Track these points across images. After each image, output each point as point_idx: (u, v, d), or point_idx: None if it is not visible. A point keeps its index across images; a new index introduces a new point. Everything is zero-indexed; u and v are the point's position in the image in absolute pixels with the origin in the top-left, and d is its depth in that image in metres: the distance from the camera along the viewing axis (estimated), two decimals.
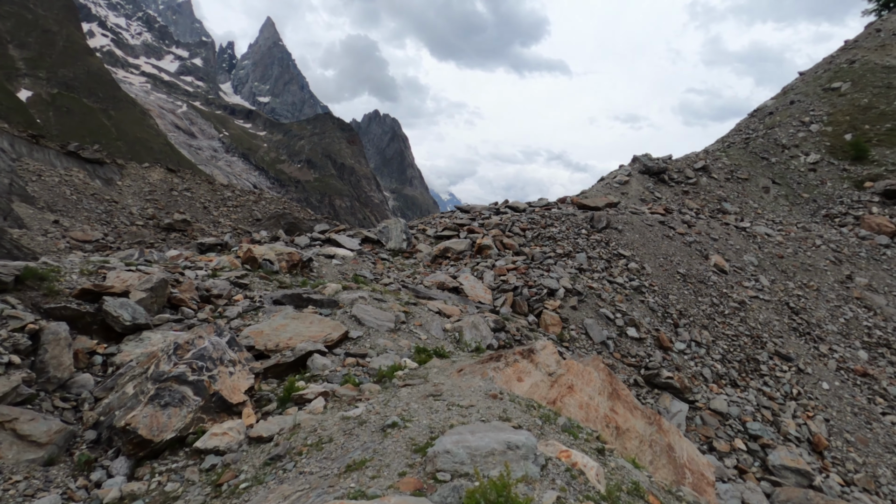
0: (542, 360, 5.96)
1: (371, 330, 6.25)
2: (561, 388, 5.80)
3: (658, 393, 10.83)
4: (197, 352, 3.84)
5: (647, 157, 24.51)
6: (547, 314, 11.45)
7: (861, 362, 14.17)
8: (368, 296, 7.18)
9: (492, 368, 4.76)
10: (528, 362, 5.70)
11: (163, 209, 37.71)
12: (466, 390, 3.79)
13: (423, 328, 6.94)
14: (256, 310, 6.21)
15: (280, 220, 21.09)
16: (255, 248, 7.99)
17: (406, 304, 7.60)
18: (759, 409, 11.46)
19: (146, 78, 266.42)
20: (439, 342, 6.71)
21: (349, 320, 6.38)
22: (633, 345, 11.75)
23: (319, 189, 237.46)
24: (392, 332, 6.37)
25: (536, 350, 6.04)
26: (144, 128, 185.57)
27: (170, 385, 3.55)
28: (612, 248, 15.52)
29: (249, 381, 4.10)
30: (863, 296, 17.24)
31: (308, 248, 11.94)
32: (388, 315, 6.68)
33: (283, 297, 6.53)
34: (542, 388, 5.41)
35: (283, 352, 5.18)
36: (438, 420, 3.05)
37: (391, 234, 13.85)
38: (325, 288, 7.21)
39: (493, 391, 3.84)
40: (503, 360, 5.13)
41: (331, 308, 6.60)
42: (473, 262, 13.27)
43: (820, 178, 28.03)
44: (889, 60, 38.59)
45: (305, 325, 5.68)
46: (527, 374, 5.43)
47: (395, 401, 3.59)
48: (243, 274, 7.20)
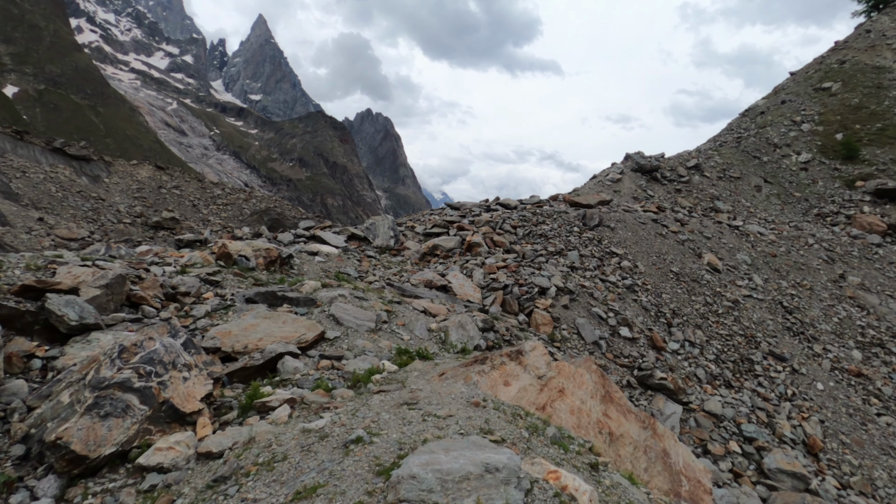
0: (532, 363, 5.61)
1: (350, 330, 5.86)
2: (551, 393, 5.45)
3: (651, 394, 10.53)
4: (146, 355, 3.43)
5: (639, 155, 24.28)
6: (538, 313, 11.12)
7: (855, 362, 13.99)
8: (349, 294, 6.78)
9: (476, 372, 4.40)
10: (516, 365, 5.33)
11: (151, 207, 37.06)
12: (446, 397, 3.43)
13: (407, 328, 6.56)
14: (227, 308, 5.79)
15: (263, 216, 20.53)
16: (231, 243, 7.57)
17: (389, 303, 7.22)
18: (754, 411, 11.20)
19: (136, 74, 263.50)
20: (423, 343, 6.34)
21: (326, 320, 5.99)
22: (625, 345, 11.45)
23: (311, 188, 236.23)
24: (372, 333, 5.99)
25: (525, 351, 5.69)
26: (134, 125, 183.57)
27: (112, 393, 3.15)
28: (605, 247, 15.23)
29: (207, 388, 3.70)
30: (856, 295, 17.10)
31: (291, 244, 11.52)
32: (368, 314, 6.29)
33: (257, 295, 6.12)
34: (530, 392, 5.05)
35: (252, 354, 4.79)
36: (410, 434, 2.67)
37: (378, 231, 13.45)
38: (303, 286, 6.80)
39: (475, 398, 3.48)
40: (489, 362, 4.77)
41: (307, 307, 6.21)
42: (463, 259, 12.91)
43: (811, 178, 27.97)
44: (879, 61, 38.72)
45: (278, 325, 5.29)
46: (514, 377, 5.07)
47: (364, 410, 3.21)
48: (216, 271, 6.77)
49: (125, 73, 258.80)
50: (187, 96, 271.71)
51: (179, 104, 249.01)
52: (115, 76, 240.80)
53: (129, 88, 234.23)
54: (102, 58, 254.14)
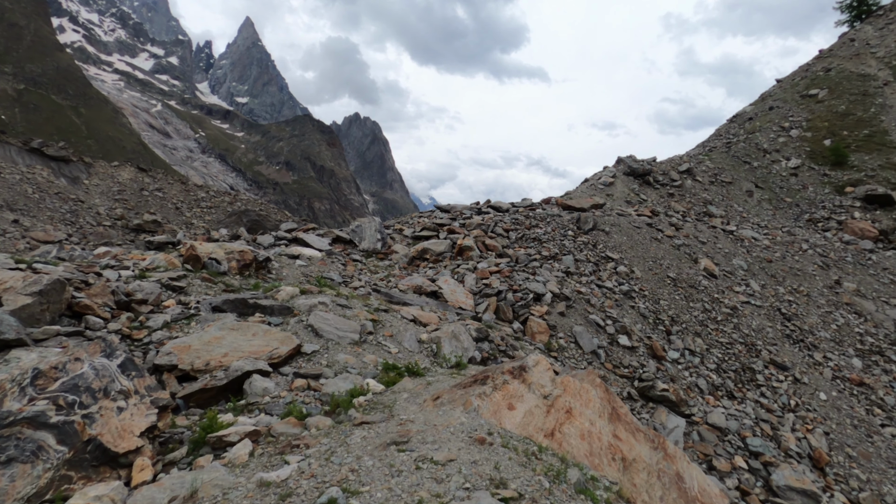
0: (536, 380, 4.98)
1: (330, 343, 5.20)
2: (559, 414, 4.83)
3: (653, 407, 9.98)
4: (69, 381, 2.74)
5: (631, 159, 23.93)
6: (533, 321, 10.52)
7: (856, 371, 13.61)
8: (330, 301, 6.11)
9: (477, 395, 3.76)
10: (519, 383, 4.70)
11: (132, 209, 35.95)
12: (444, 431, 2.80)
13: (395, 339, 5.91)
14: (189, 318, 5.10)
15: (242, 217, 19.66)
16: (200, 245, 6.84)
17: (375, 311, 6.55)
18: (758, 423, 10.71)
19: (119, 76, 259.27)
20: (413, 356, 5.69)
21: (304, 331, 5.31)
22: (625, 354, 10.89)
23: (298, 191, 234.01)
24: (356, 346, 5.32)
25: (529, 367, 5.06)
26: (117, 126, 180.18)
27: (18, 431, 2.46)
28: (600, 251, 14.72)
29: (150, 419, 3.02)
30: (852, 301, 16.80)
31: (271, 247, 10.80)
32: (352, 324, 5.63)
33: (225, 302, 5.43)
34: (537, 416, 4.42)
35: (214, 372, 4.11)
36: (401, 491, 2.04)
37: (365, 234, 12.78)
38: (279, 292, 6.11)
39: (478, 432, 2.86)
40: (490, 382, 4.14)
41: (282, 316, 5.53)
42: (454, 264, 12.28)
43: (802, 183, 27.89)
44: (864, 69, 39.07)
45: (247, 338, 4.61)
46: (518, 398, 4.43)
47: (342, 452, 2.56)
48: (180, 275, 6.06)
49: (108, 74, 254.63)
50: (172, 98, 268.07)
51: (164, 106, 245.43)
52: (98, 77, 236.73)
53: (112, 89, 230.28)
54: (85, 58, 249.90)
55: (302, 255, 9.99)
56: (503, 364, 5.39)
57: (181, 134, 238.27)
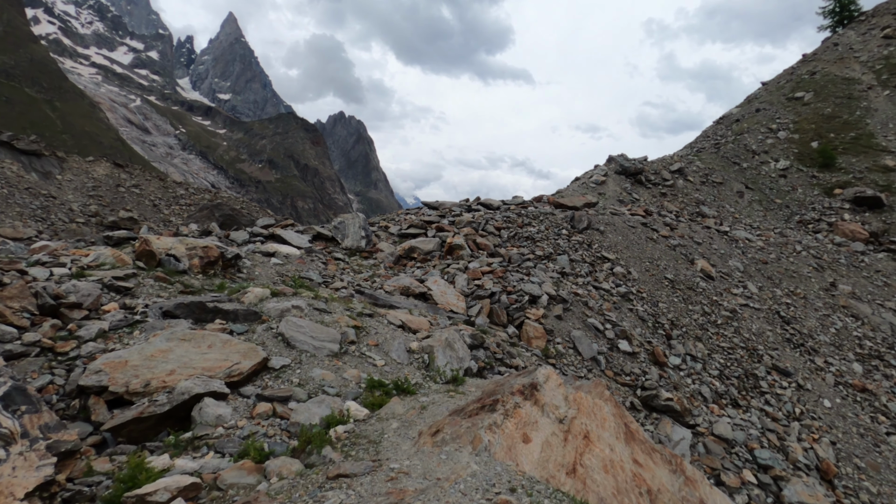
0: (549, 400, 4.21)
1: (304, 355, 4.38)
2: (577, 442, 4.07)
3: (657, 417, 9.32)
4: None
5: (623, 158, 23.42)
6: (529, 325, 9.79)
7: (858, 376, 13.18)
8: (306, 305, 5.29)
9: (486, 427, 2.99)
10: (531, 406, 3.93)
11: (107, 206, 34.54)
12: (452, 491, 2.03)
13: (381, 349, 5.11)
14: (133, 325, 4.24)
15: (214, 211, 18.57)
16: (156, 239, 5.94)
17: (359, 316, 5.74)
18: (765, 433, 10.13)
19: (97, 69, 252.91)
20: (402, 369, 4.90)
21: (273, 340, 4.48)
22: (626, 360, 10.23)
23: (281, 190, 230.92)
24: (335, 358, 4.51)
25: (540, 384, 4.29)
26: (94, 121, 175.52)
27: None
28: (595, 251, 14.08)
29: (44, 472, 2.19)
30: (848, 304, 16.45)
31: (246, 244, 9.88)
32: (331, 332, 4.82)
33: (178, 306, 4.56)
34: (555, 447, 3.64)
35: (155, 395, 3.28)
36: None
37: (348, 231, 11.92)
38: (246, 294, 5.26)
39: (498, 488, 2.11)
40: (500, 407, 3.36)
41: (248, 322, 4.69)
42: (443, 263, 11.50)
43: (791, 185, 27.74)
44: (848, 73, 39.30)
45: (200, 351, 3.77)
46: (533, 426, 3.66)
47: None
48: (129, 274, 5.16)
49: (85, 68, 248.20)
50: (152, 93, 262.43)
51: (143, 101, 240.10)
52: (75, 70, 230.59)
53: (89, 83, 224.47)
54: (61, 51, 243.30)
55: (278, 252, 9.10)
56: (510, 379, 4.61)
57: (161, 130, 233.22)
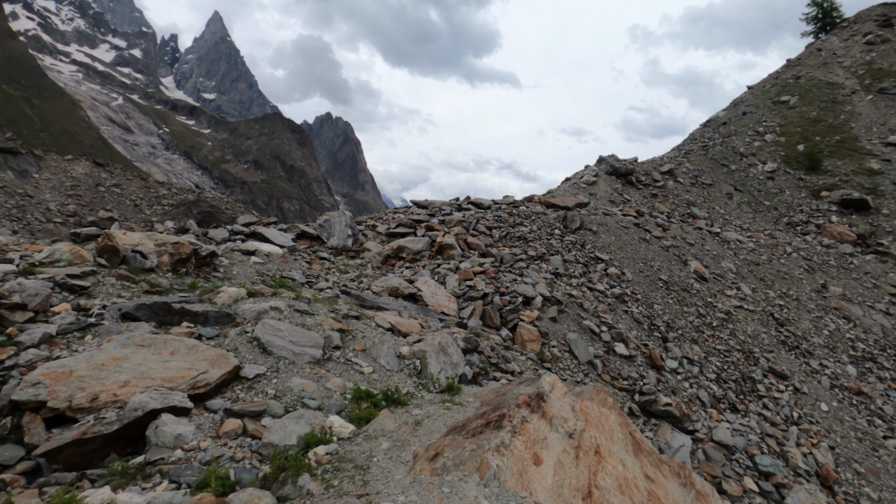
0: (557, 411, 3.80)
1: (282, 362, 3.90)
2: (589, 459, 3.66)
3: (656, 423, 8.97)
4: None
5: (613, 158, 23.22)
6: (523, 327, 9.39)
7: (853, 379, 13.02)
8: (286, 306, 4.80)
9: (493, 449, 2.56)
10: (539, 419, 3.50)
11: (87, 206, 33.53)
12: None
13: (368, 355, 4.65)
14: (85, 329, 3.72)
15: (192, 208, 17.86)
16: (121, 234, 5.39)
17: (344, 318, 5.27)
18: (764, 438, 9.85)
19: (77, 67, 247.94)
20: (391, 377, 4.44)
21: (247, 346, 4.00)
22: (623, 364, 9.87)
23: (267, 191, 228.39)
24: (317, 365, 4.04)
25: (546, 394, 3.88)
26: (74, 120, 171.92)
27: None
28: (589, 251, 13.75)
29: None
30: (840, 306, 16.36)
31: (225, 242, 9.33)
32: (313, 336, 4.34)
33: (140, 307, 4.04)
34: (568, 468, 3.21)
35: (103, 412, 2.79)
36: None
37: (334, 230, 11.42)
38: (219, 294, 4.75)
39: None
40: (507, 423, 2.93)
41: (220, 326, 4.19)
42: (433, 263, 11.05)
43: (778, 187, 27.85)
44: (832, 77, 39.76)
45: (161, 359, 3.29)
46: (542, 443, 3.22)
47: None
48: (87, 271, 4.61)
49: (66, 65, 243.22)
50: (135, 92, 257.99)
51: (126, 100, 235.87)
52: (55, 67, 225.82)
53: (69, 81, 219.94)
54: (40, 47, 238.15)
55: (259, 251, 8.58)
56: (513, 388, 4.19)
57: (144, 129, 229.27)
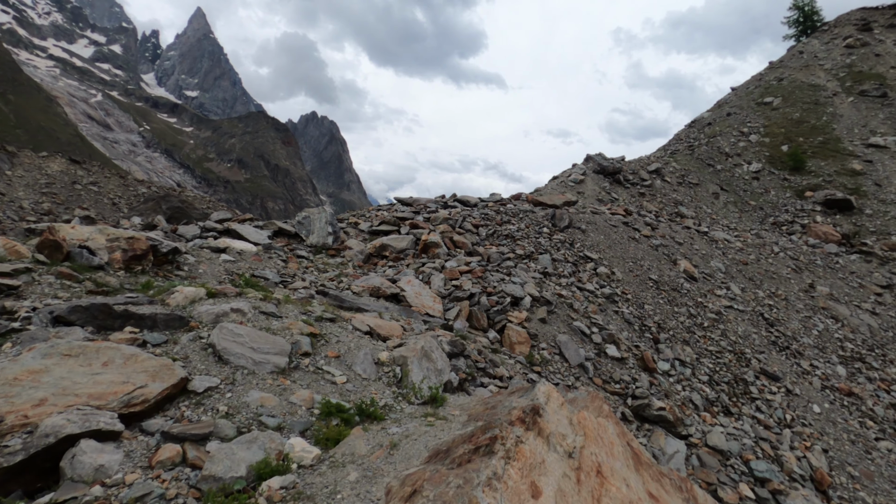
0: (555, 427, 3.35)
1: (240, 372, 3.38)
2: (591, 482, 3.22)
3: (649, 429, 8.61)
4: None
5: (601, 157, 22.97)
6: (511, 329, 8.96)
7: (843, 379, 12.86)
8: (250, 308, 4.29)
9: (484, 483, 2.11)
10: (536, 439, 3.05)
11: (62, 204, 32.40)
12: None
13: (342, 362, 4.17)
14: (6, 335, 3.17)
15: (161, 203, 17.10)
16: (68, 228, 4.82)
17: (317, 321, 4.77)
18: (758, 442, 9.56)
19: (55, 62, 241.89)
20: (368, 387, 3.96)
21: (200, 354, 3.48)
22: (614, 366, 9.50)
23: (251, 190, 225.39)
24: (281, 375, 3.54)
25: (542, 407, 3.45)
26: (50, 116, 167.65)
27: None
28: (578, 250, 13.40)
29: None
30: (828, 306, 16.27)
31: (196, 239, 8.74)
32: (278, 342, 3.83)
33: (74, 310, 3.50)
34: (570, 496, 2.78)
35: (8, 438, 2.28)
36: None
37: (313, 227, 10.87)
38: (173, 295, 4.22)
39: None
40: (499, 447, 2.47)
41: (170, 330, 3.67)
42: (418, 262, 10.58)
43: (764, 187, 27.91)
44: (814, 80, 40.16)
45: (90, 371, 2.77)
46: (540, 468, 2.77)
47: None
48: (20, 269, 4.03)
49: (42, 60, 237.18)
50: (114, 88, 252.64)
51: (105, 96, 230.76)
52: (30, 62, 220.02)
53: (46, 76, 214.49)
54: (15, 41, 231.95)
55: (230, 248, 8.01)
56: (504, 400, 3.74)
57: (123, 126, 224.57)
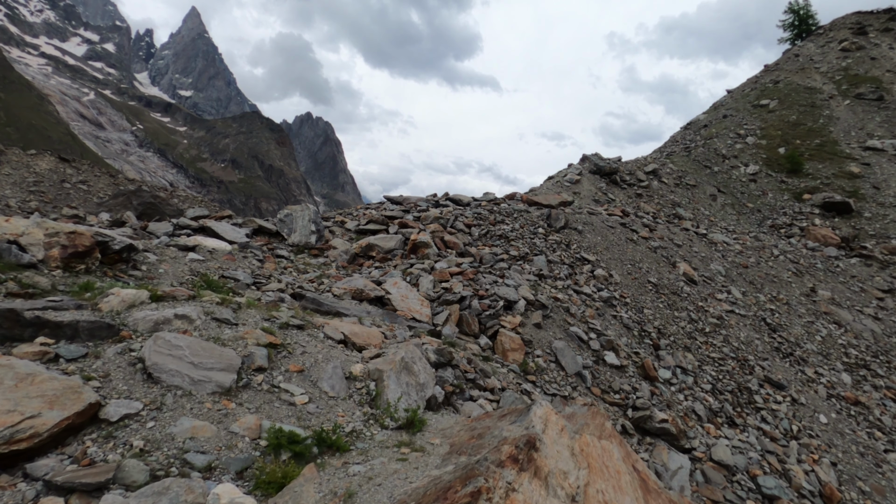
0: (554, 464, 2.76)
1: (173, 394, 2.77)
2: None
3: (651, 442, 8.05)
4: None
5: (597, 157, 22.48)
6: (505, 335, 8.38)
7: (848, 388, 12.37)
8: (201, 314, 3.69)
9: None
10: (532, 482, 2.46)
11: (50, 203, 31.55)
12: None
13: (306, 377, 3.58)
14: None
15: (131, 198, 16.40)
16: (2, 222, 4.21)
17: (282, 329, 4.18)
18: (765, 456, 9.03)
19: (47, 60, 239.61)
20: (334, 408, 3.37)
21: (125, 371, 2.87)
22: (614, 375, 8.94)
23: (244, 190, 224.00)
24: (225, 396, 2.93)
25: (538, 437, 2.86)
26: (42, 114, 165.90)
27: None
28: (574, 251, 12.85)
29: None
30: (830, 311, 15.81)
31: (164, 237, 8.12)
32: (226, 355, 3.23)
33: None
34: None
35: None
36: None
37: (295, 225, 10.26)
38: (107, 298, 3.61)
39: None
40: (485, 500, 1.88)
41: (94, 341, 3.06)
42: (406, 263, 9.99)
43: (761, 189, 27.53)
44: (810, 82, 39.94)
45: None
46: None
47: None
48: None
49: (34, 58, 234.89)
50: (107, 87, 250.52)
51: (98, 95, 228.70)
52: (22, 60, 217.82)
53: (38, 74, 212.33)
54: (7, 39, 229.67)
55: (200, 247, 7.39)
56: (493, 426, 3.15)
57: (116, 125, 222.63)
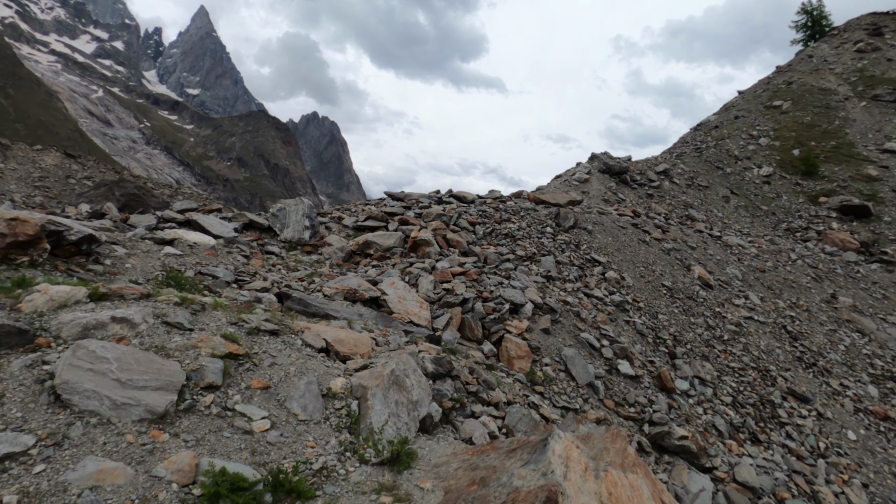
0: None
1: (83, 423, 2.11)
2: None
3: (670, 461, 7.35)
4: None
5: (607, 156, 21.76)
6: (510, 341, 7.71)
7: (876, 401, 11.61)
8: (149, 317, 3.04)
9: None
10: None
11: (55, 198, 31.18)
12: None
13: (272, 395, 2.93)
14: None
15: (114, 189, 15.83)
16: None
17: (250, 335, 3.54)
18: (791, 476, 8.31)
19: (56, 57, 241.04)
20: (304, 435, 2.72)
21: (26, 392, 2.20)
22: (628, 386, 8.25)
23: (250, 189, 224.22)
24: (155, 425, 2.28)
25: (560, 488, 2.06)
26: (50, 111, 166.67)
27: None
28: (584, 252, 12.16)
29: None
30: (852, 318, 15.03)
31: (152, 230, 7.51)
32: (167, 369, 2.57)
33: None
34: None
35: None
36: None
37: (288, 220, 9.63)
38: (30, 296, 2.98)
39: None
40: None
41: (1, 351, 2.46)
42: (405, 262, 9.34)
43: (775, 192, 26.71)
44: (824, 83, 39.03)
45: None
46: None
47: None
48: None
49: (44, 55, 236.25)
50: (116, 84, 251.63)
51: (106, 92, 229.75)
52: (32, 57, 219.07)
53: (47, 71, 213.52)
54: (17, 36, 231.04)
55: (179, 240, 6.77)
56: (501, 469, 2.44)
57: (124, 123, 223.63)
